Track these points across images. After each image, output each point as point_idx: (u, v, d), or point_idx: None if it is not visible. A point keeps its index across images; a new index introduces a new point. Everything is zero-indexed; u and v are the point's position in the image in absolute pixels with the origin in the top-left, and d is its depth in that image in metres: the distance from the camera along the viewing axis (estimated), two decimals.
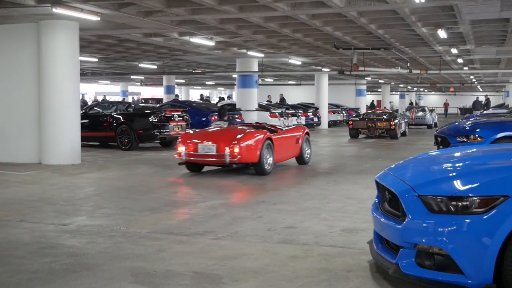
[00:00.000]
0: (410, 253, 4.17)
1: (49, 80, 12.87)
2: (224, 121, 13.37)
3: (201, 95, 48.35)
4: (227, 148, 10.85)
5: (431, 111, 34.78)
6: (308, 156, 13.29)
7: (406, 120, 26.04)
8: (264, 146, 11.12)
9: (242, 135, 11.13)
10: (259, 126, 12.96)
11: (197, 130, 12.64)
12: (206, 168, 11.97)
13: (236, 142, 10.90)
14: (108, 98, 46.21)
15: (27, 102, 13.20)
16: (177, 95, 35.16)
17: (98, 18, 12.20)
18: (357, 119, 23.62)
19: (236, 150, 10.82)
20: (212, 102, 40.28)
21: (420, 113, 32.36)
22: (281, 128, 13.11)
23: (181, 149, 11.32)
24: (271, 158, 11.50)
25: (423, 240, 4.08)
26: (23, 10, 11.71)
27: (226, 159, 10.87)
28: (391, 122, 22.55)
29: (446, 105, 57.22)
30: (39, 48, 12.93)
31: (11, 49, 13.35)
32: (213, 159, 11.13)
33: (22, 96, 13.25)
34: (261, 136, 11.23)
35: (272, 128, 12.73)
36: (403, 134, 24.26)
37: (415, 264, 4.15)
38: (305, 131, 13.19)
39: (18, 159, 13.07)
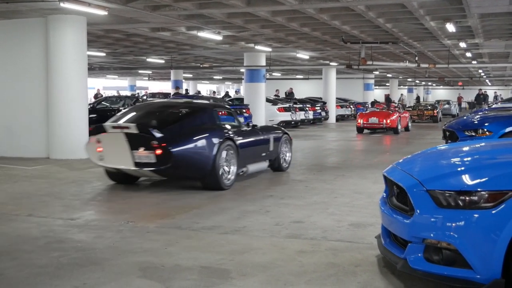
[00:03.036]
0: (418, 248, 4.15)
1: (57, 75, 12.90)
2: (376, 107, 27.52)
3: (186, 90, 47.76)
4: (384, 120, 22.34)
5: (455, 104, 44.99)
6: (410, 127, 25.03)
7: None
8: (398, 120, 22.60)
9: (390, 114, 22.68)
10: (392, 111, 23.92)
11: (365, 111, 26.46)
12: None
13: (387, 117, 22.38)
14: (103, 92, 45.99)
15: (35, 96, 13.24)
16: (178, 88, 34.72)
17: (106, 13, 12.20)
18: (410, 109, 33.43)
19: (388, 121, 22.28)
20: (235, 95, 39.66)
21: (447, 106, 42.38)
22: (400, 111, 24.51)
23: (360, 121, 22.89)
24: (400, 126, 22.91)
25: (431, 235, 4.06)
26: (31, 4, 11.74)
27: (384, 126, 22.38)
28: (434, 111, 32.90)
29: (459, 99, 57.10)
30: (47, 42, 12.96)
31: (19, 44, 13.39)
32: (376, 125, 22.55)
33: (30, 90, 13.30)
34: (397, 115, 22.87)
35: (397, 111, 24.20)
36: (440, 120, 33.09)
37: (423, 259, 4.13)
38: (409, 114, 25.76)
39: (27, 153, 13.13)
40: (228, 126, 9.51)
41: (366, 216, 6.91)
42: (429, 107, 33.74)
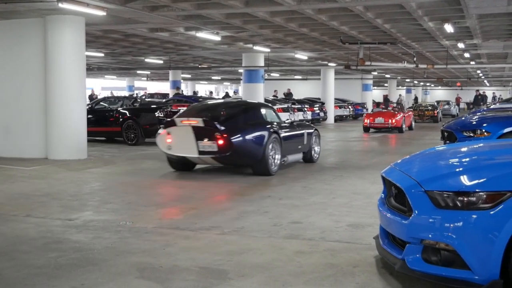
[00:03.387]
0: (417, 248, 4.15)
1: (55, 75, 12.88)
2: (386, 108, 29.39)
3: (181, 90, 47.15)
4: (389, 120, 23.77)
5: (454, 105, 46.31)
6: (413, 126, 26.73)
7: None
8: (403, 120, 24.14)
9: (395, 114, 24.26)
10: (397, 111, 25.52)
11: (371, 111, 27.66)
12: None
13: (393, 117, 23.87)
14: (98, 93, 45.88)
15: (33, 97, 13.22)
16: (178, 88, 34.56)
17: (104, 13, 12.19)
18: (411, 109, 33.53)
19: (393, 121, 23.73)
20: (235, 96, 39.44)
21: (446, 106, 43.43)
22: (404, 111, 26.21)
23: (367, 121, 24.30)
24: (404, 125, 24.50)
25: (430, 236, 4.06)
26: (29, 5, 11.72)
27: (389, 125, 23.75)
28: (435, 112, 34.37)
29: (458, 99, 57.30)
30: (45, 43, 12.94)
31: (18, 44, 13.37)
32: (382, 125, 23.91)
33: (28, 91, 13.28)
34: (402, 115, 24.45)
35: (402, 111, 25.75)
36: (440, 120, 34.04)
37: (422, 259, 4.13)
38: (412, 114, 28.02)
39: (25, 154, 13.11)
40: (273, 122, 11.17)
41: (364, 216, 6.91)
42: (430, 108, 35.22)
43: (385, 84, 53.78)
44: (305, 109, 27.23)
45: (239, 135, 10.07)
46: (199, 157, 10.18)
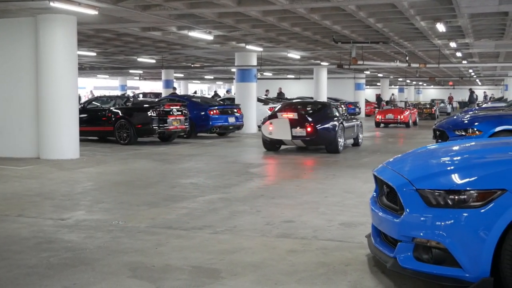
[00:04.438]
0: (408, 247, 4.17)
1: (47, 75, 12.84)
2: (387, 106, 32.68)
3: (174, 87, 46.99)
4: (398, 116, 27.07)
5: (448, 103, 51.10)
6: (418, 121, 30.44)
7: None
8: (409, 116, 27.51)
9: (403, 111, 27.61)
10: (404, 108, 28.73)
11: (381, 109, 30.40)
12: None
13: (401, 114, 27.18)
14: (83, 95, 45.79)
15: (25, 96, 13.17)
16: (174, 88, 34.43)
17: (96, 12, 12.16)
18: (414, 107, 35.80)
19: (402, 117, 27.05)
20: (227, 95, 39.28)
21: (442, 105, 47.53)
22: (410, 108, 29.31)
23: (378, 116, 27.82)
24: (411, 121, 27.89)
25: (421, 234, 4.08)
26: (21, 4, 11.67)
27: (398, 120, 27.01)
28: (432, 109, 37.85)
29: (450, 98, 57.55)
30: (37, 42, 12.90)
31: (9, 44, 13.31)
32: (392, 120, 27.18)
33: (20, 90, 13.23)
34: (408, 112, 27.75)
35: (408, 108, 29.09)
36: (437, 117, 36.26)
37: (413, 258, 4.15)
38: (417, 111, 30.99)
39: (17, 153, 13.07)
40: (337, 115, 15.00)
41: (356, 215, 6.93)
42: (428, 106, 39.39)
43: (378, 83, 53.85)
44: None
45: (321, 124, 14.03)
46: (292, 140, 14.09)
